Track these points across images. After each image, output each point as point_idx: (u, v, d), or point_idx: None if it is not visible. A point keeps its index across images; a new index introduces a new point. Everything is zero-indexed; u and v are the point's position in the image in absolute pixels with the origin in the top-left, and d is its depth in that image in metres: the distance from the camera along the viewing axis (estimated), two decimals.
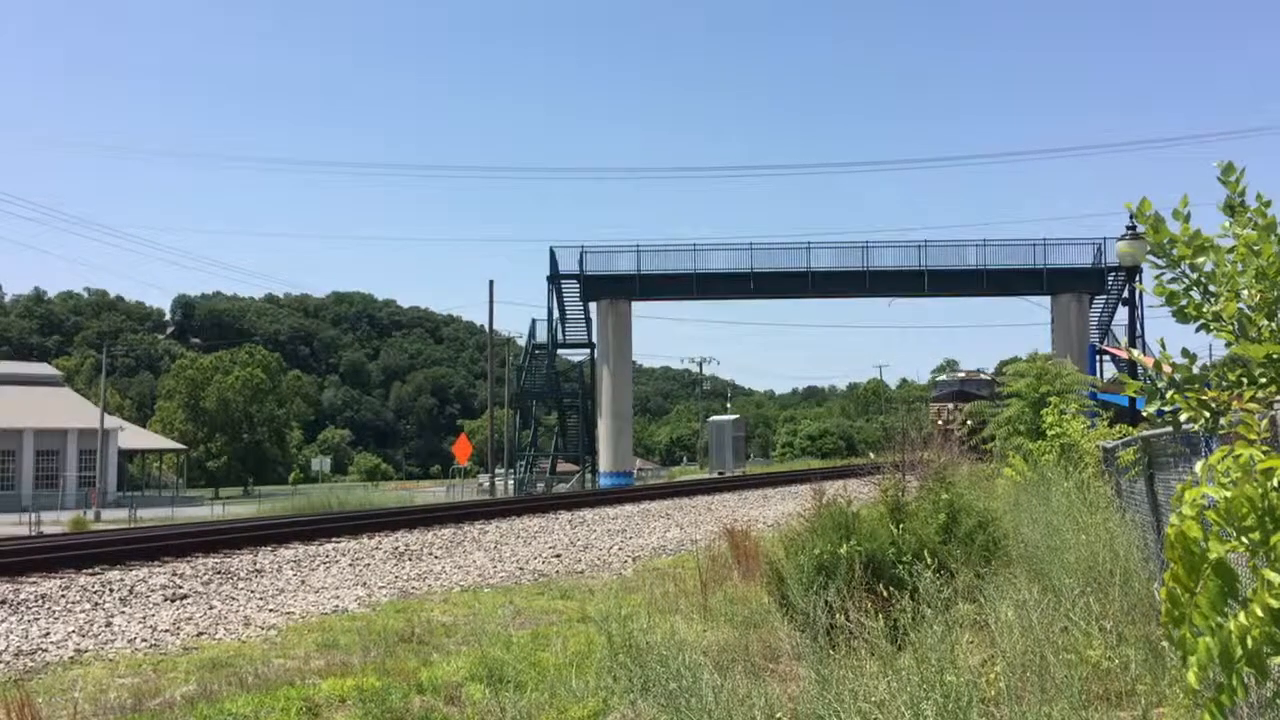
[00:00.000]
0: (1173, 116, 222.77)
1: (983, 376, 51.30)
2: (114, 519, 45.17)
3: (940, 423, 49.49)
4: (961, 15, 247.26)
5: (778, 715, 5.20)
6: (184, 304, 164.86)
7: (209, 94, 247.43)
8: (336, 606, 11.72)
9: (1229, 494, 2.22)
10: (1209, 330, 2.86)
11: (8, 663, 8.99)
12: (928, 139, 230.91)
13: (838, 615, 6.24)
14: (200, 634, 10.29)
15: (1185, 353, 2.87)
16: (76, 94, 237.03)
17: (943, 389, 52.29)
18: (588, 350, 50.46)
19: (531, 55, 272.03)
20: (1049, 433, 15.60)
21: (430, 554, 16.17)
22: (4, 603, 11.15)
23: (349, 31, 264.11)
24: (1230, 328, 2.80)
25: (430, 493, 57.55)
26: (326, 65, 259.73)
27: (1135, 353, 4.70)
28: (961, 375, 53.57)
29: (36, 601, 11.35)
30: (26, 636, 9.90)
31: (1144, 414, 3.08)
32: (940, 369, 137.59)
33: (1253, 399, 2.66)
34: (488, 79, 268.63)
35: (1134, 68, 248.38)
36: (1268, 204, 2.84)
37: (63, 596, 11.65)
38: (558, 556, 16.18)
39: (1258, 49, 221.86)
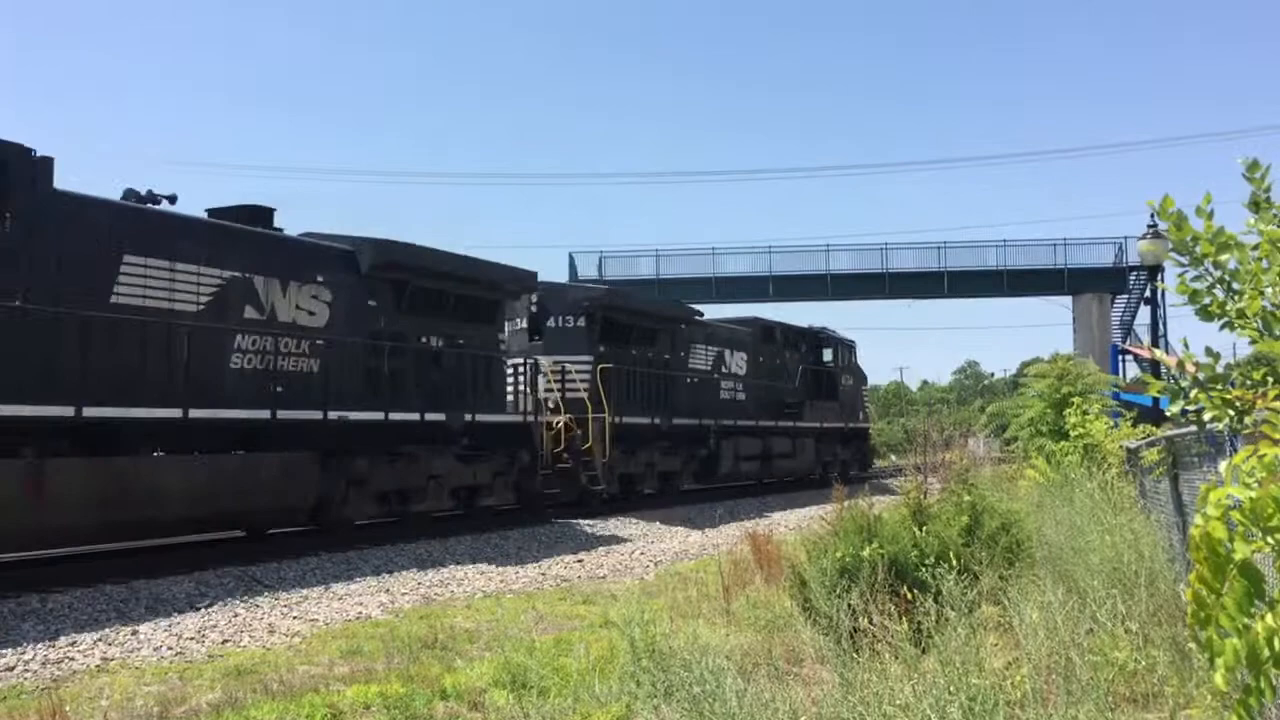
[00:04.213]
0: (1194, 113, 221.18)
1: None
2: None
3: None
4: (976, 15, 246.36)
5: (801, 719, 5.19)
6: None
7: (249, 103, 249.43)
8: (360, 613, 11.76)
9: (1254, 494, 2.21)
10: (1233, 328, 2.84)
11: (35, 671, 9.06)
12: (943, 139, 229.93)
13: (861, 618, 6.22)
14: (225, 641, 10.34)
15: (1209, 351, 2.85)
16: (124, 102, 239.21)
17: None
18: None
19: (546, 60, 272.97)
20: (1072, 433, 15.53)
21: (453, 559, 16.19)
22: (32, 612, 11.23)
23: (362, 30, 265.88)
24: (1254, 325, 2.78)
25: None
26: (344, 71, 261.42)
27: (1158, 352, 4.67)
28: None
29: (64, 609, 11.43)
30: (54, 644, 9.97)
31: (1168, 414, 3.06)
32: (961, 370, 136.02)
33: (1278, 397, 2.64)
34: (498, 84, 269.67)
35: (1154, 64, 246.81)
36: None
37: (89, 605, 11.72)
38: (579, 561, 16.19)
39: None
